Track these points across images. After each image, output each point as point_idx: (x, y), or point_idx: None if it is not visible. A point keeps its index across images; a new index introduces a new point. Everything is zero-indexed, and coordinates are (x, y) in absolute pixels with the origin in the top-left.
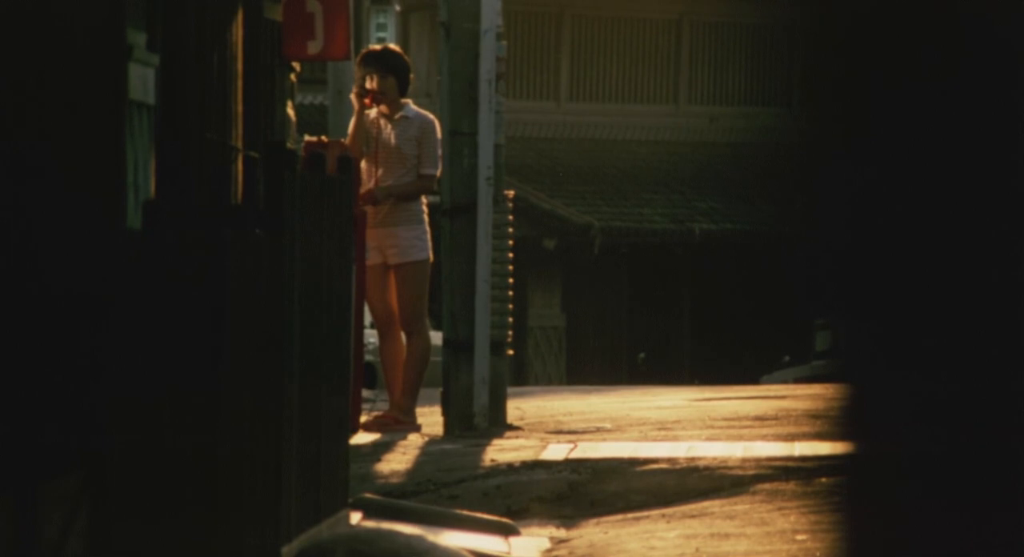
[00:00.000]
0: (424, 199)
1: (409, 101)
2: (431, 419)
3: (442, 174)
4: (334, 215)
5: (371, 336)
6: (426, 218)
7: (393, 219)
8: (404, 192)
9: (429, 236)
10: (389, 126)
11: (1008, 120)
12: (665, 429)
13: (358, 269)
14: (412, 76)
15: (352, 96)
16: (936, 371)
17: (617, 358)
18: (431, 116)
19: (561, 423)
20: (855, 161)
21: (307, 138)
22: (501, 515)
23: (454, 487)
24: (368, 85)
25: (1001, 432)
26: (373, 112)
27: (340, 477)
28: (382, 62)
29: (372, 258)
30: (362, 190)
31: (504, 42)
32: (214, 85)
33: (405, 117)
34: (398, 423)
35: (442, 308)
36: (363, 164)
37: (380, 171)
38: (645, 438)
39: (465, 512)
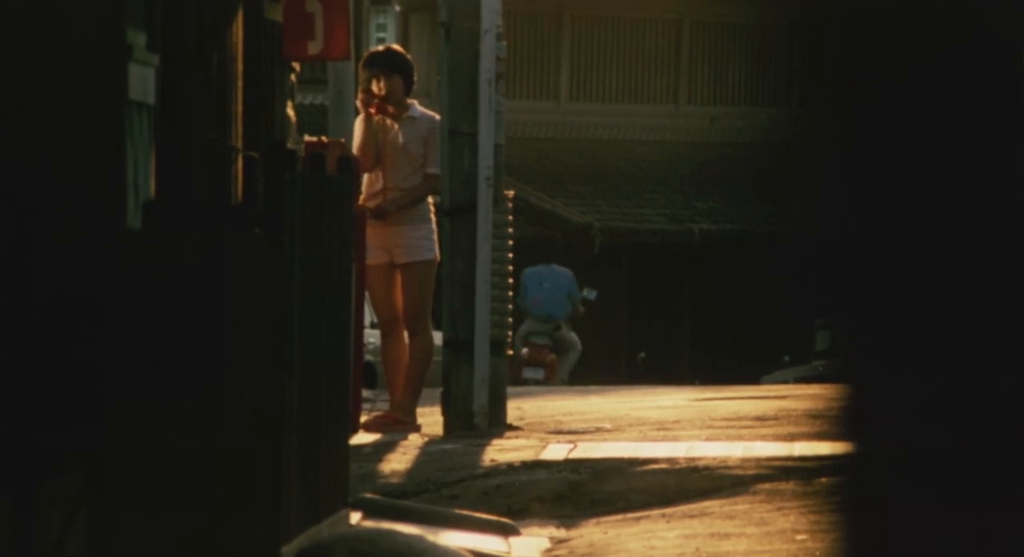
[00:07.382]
0: (431, 198)
1: (415, 102)
2: (431, 419)
3: (442, 174)
4: (334, 215)
5: (372, 336)
6: (433, 217)
7: (399, 218)
8: (412, 198)
9: (436, 235)
10: (395, 127)
11: (1008, 120)
12: (665, 429)
13: (358, 269)
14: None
15: (358, 102)
16: (936, 370)
17: (617, 358)
18: (437, 116)
19: (561, 423)
20: (855, 161)
21: (307, 138)
22: (501, 515)
23: (454, 487)
24: (375, 89)
25: (1001, 431)
26: (378, 117)
27: (340, 477)
28: (387, 63)
29: (378, 257)
30: (370, 191)
31: (504, 42)
32: (214, 85)
33: (411, 117)
34: (398, 423)
35: (442, 308)
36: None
37: (387, 172)
38: (645, 438)
39: (465, 512)
